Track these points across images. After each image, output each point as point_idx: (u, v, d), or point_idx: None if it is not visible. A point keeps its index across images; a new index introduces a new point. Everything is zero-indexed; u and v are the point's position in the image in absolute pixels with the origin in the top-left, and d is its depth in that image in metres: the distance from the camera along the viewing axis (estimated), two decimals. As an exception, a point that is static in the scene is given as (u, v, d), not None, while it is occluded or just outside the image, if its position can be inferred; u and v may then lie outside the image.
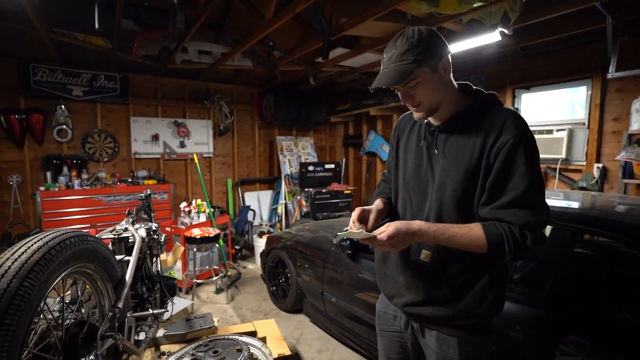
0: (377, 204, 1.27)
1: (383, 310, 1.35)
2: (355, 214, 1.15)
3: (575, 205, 2.07)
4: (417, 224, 1.03)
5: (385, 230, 1.00)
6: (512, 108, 1.18)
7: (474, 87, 1.16)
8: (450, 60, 1.09)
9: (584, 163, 3.76)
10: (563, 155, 3.78)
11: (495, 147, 1.00)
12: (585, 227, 1.73)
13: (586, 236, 2.56)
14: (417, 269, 1.15)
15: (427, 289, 1.13)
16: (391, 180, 1.33)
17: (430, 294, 1.12)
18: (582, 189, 3.64)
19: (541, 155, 3.88)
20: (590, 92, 3.71)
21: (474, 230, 1.01)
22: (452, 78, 1.12)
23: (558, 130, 3.90)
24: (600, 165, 3.60)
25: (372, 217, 1.18)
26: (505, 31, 2.95)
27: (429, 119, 1.16)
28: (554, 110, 4.16)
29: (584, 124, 3.80)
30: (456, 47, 3.41)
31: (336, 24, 3.44)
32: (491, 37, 3.07)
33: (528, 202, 0.98)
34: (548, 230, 2.25)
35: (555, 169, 3.92)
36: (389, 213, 1.31)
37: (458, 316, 1.10)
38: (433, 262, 1.11)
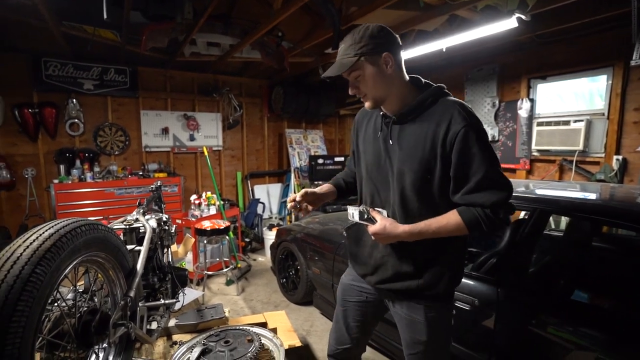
0: (323, 187, 1.48)
1: (349, 283, 1.48)
2: (299, 194, 1.36)
3: (593, 196, 2.00)
4: (402, 228, 1.15)
5: (374, 226, 1.16)
6: (458, 100, 1.21)
7: (423, 80, 1.25)
8: (396, 57, 1.15)
9: (603, 155, 3.64)
10: (580, 147, 3.68)
11: (449, 137, 1.09)
12: (606, 218, 1.67)
13: (605, 229, 2.49)
14: (385, 249, 1.28)
15: (395, 267, 1.26)
16: (356, 172, 1.44)
17: (398, 271, 1.25)
18: (599, 181, 3.54)
19: (557, 147, 3.76)
20: (610, 81, 3.57)
21: (452, 220, 1.12)
22: (403, 73, 1.20)
23: (575, 122, 3.78)
24: (620, 157, 3.49)
25: (309, 198, 1.39)
26: (523, 17, 2.85)
27: (384, 111, 1.24)
28: (571, 101, 4.03)
29: (603, 114, 3.67)
30: (470, 36, 3.31)
31: (346, 13, 3.38)
32: (507, 24, 2.97)
33: (491, 183, 1.09)
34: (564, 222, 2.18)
35: (571, 161, 3.81)
36: (340, 196, 1.53)
37: (422, 288, 1.25)
38: (399, 244, 1.22)
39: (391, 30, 1.15)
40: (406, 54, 4.19)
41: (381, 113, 1.24)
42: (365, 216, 1.20)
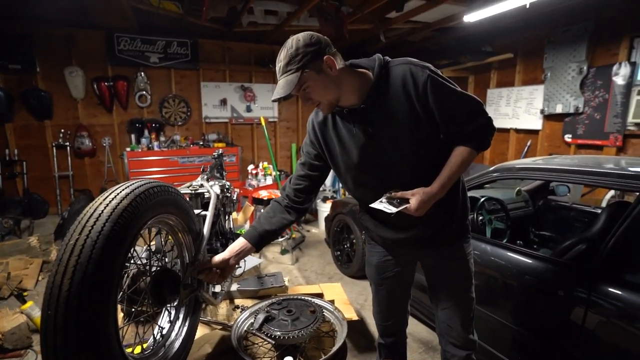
0: (236, 246, 1.32)
1: (382, 260, 1.50)
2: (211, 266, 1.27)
3: None
4: (435, 187, 1.18)
5: (412, 204, 1.15)
6: (401, 58, 1.22)
7: (361, 62, 1.23)
8: (335, 55, 1.13)
9: None
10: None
11: (420, 91, 1.14)
12: None
13: None
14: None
15: (430, 218, 1.25)
16: (337, 175, 1.39)
17: (434, 220, 1.29)
18: None
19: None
20: None
21: (464, 154, 1.20)
22: (345, 65, 1.17)
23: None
24: None
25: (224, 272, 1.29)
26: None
27: (344, 106, 1.21)
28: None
29: None
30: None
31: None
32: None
33: (473, 106, 1.20)
34: None
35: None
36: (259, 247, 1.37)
37: (458, 225, 1.36)
38: None
39: (319, 34, 1.14)
40: (481, 14, 3.75)
41: (345, 110, 1.22)
42: (396, 202, 1.17)
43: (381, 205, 1.17)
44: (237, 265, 1.38)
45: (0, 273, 2.84)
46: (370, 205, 1.21)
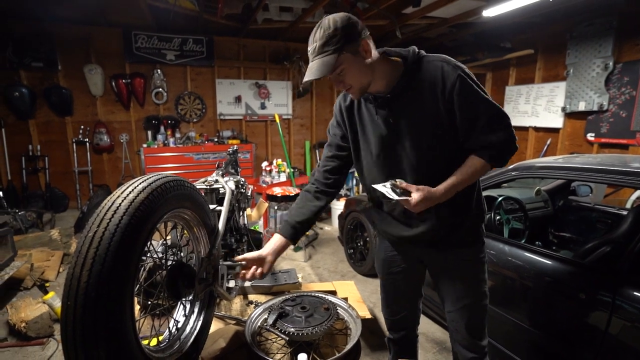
0: (271, 243, 1.33)
1: (390, 255, 1.48)
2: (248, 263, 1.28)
3: None
4: (439, 190, 1.15)
5: (413, 198, 1.13)
6: (436, 54, 1.19)
7: (395, 51, 1.21)
8: (370, 40, 1.11)
9: None
10: None
11: (447, 92, 1.11)
12: None
13: None
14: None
15: (440, 220, 1.25)
16: (354, 160, 1.37)
17: (444, 222, 1.26)
18: None
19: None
20: None
21: (476, 164, 1.17)
22: (377, 53, 1.16)
23: None
24: None
25: (262, 267, 1.29)
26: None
27: (370, 92, 1.20)
28: None
29: None
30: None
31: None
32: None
33: (499, 119, 1.15)
34: None
35: None
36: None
37: (469, 230, 1.31)
38: None
39: (355, 16, 1.09)
40: (501, 8, 3.65)
41: (371, 96, 1.21)
42: (399, 191, 1.14)
43: (384, 189, 1.15)
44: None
45: (24, 264, 2.93)
46: (373, 185, 1.20)
